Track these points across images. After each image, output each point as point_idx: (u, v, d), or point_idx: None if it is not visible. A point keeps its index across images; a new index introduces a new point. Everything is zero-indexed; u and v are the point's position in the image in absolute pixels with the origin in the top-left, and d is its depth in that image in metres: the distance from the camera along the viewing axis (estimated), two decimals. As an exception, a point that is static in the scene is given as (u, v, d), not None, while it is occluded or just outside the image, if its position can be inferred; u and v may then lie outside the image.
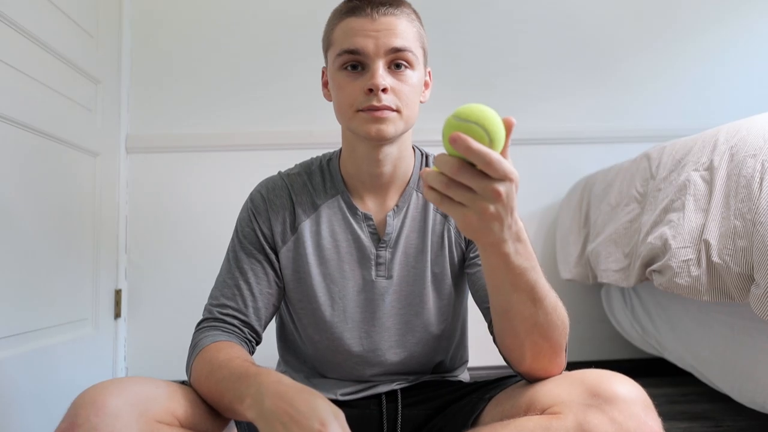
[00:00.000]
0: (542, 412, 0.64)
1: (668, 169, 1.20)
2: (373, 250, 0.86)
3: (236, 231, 0.88)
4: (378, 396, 0.87)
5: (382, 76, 0.76)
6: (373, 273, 0.85)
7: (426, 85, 0.87)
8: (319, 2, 1.99)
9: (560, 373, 0.72)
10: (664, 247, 1.09)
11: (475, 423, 0.75)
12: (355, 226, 0.86)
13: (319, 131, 1.89)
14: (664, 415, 0.62)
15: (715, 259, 0.97)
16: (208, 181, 1.87)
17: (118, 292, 1.77)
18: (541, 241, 1.97)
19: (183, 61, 1.90)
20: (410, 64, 0.79)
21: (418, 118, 0.84)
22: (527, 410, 0.66)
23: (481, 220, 0.55)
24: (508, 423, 0.64)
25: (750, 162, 0.95)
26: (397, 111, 0.78)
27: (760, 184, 0.91)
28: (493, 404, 0.75)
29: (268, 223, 0.86)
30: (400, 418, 0.85)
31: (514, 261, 0.60)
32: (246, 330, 0.81)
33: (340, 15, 0.80)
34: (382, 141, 0.80)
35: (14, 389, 1.21)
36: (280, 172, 0.92)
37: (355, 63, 0.78)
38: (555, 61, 2.02)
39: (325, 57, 0.85)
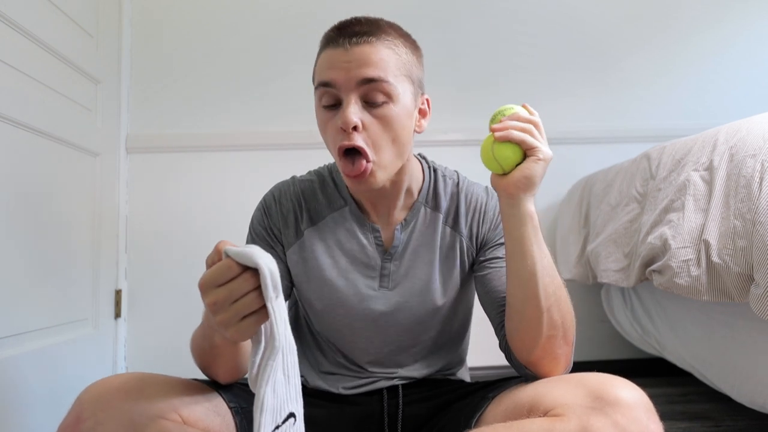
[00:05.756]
0: (545, 413, 0.64)
1: (668, 169, 1.20)
2: (379, 262, 0.86)
3: (250, 228, 0.91)
4: (380, 392, 0.88)
5: (353, 111, 0.71)
6: (377, 284, 0.86)
7: (423, 113, 0.84)
8: (319, 2, 2.00)
9: (567, 369, 0.75)
10: (664, 247, 1.09)
11: (477, 423, 0.75)
12: (362, 237, 0.87)
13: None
14: (664, 415, 0.62)
15: (715, 259, 0.97)
16: (208, 181, 1.87)
17: (118, 292, 1.77)
18: (541, 241, 1.96)
19: (183, 60, 1.90)
20: (389, 97, 0.74)
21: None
22: (530, 411, 0.66)
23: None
24: (510, 424, 0.64)
25: (750, 162, 0.95)
26: (370, 161, 0.74)
27: (760, 184, 0.91)
28: (496, 404, 0.75)
29: (279, 224, 0.88)
30: (401, 415, 0.85)
31: (536, 228, 0.72)
32: None
33: (321, 47, 0.78)
34: (370, 192, 0.83)
35: (14, 389, 1.21)
36: (293, 177, 0.93)
37: (332, 100, 0.75)
38: (555, 61, 2.02)
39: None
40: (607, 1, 2.05)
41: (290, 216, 0.88)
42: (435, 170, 0.92)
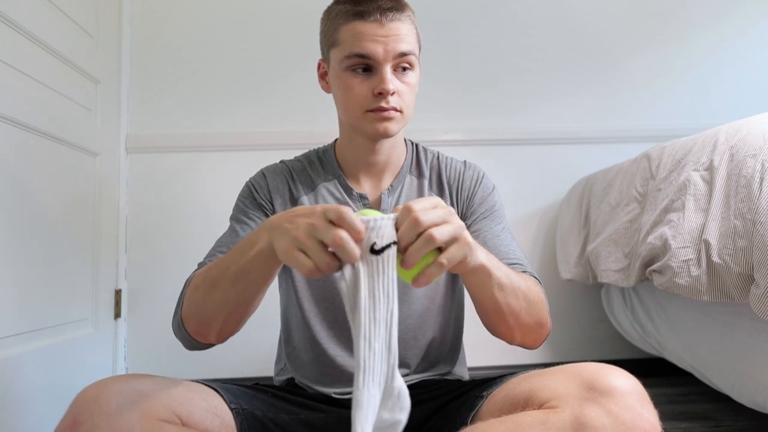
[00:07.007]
0: (540, 406, 0.64)
1: (668, 169, 1.20)
2: None
3: (236, 204, 0.94)
4: None
5: (390, 80, 0.81)
6: None
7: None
8: (317, 3, 2.00)
9: (547, 336, 0.81)
10: (664, 247, 1.09)
11: (473, 420, 0.75)
12: (351, 205, 0.91)
13: (319, 131, 1.89)
14: (664, 415, 0.62)
15: (715, 259, 0.97)
16: (208, 181, 1.87)
17: (118, 292, 1.77)
18: (541, 241, 1.97)
19: (183, 61, 1.90)
20: (412, 66, 0.85)
21: (414, 117, 0.91)
22: (525, 405, 0.67)
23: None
24: (505, 419, 0.64)
25: (750, 162, 0.95)
26: (400, 111, 0.84)
27: (760, 184, 0.91)
28: (491, 401, 0.75)
29: (269, 196, 0.92)
30: None
31: (488, 264, 0.67)
32: None
33: (346, 16, 0.82)
34: (387, 137, 0.86)
35: (15, 388, 1.21)
36: (281, 160, 0.99)
37: (365, 66, 0.82)
38: (555, 61, 2.02)
39: (326, 52, 0.89)
40: (607, 1, 2.05)
41: (281, 186, 0.93)
42: (416, 144, 1.00)
